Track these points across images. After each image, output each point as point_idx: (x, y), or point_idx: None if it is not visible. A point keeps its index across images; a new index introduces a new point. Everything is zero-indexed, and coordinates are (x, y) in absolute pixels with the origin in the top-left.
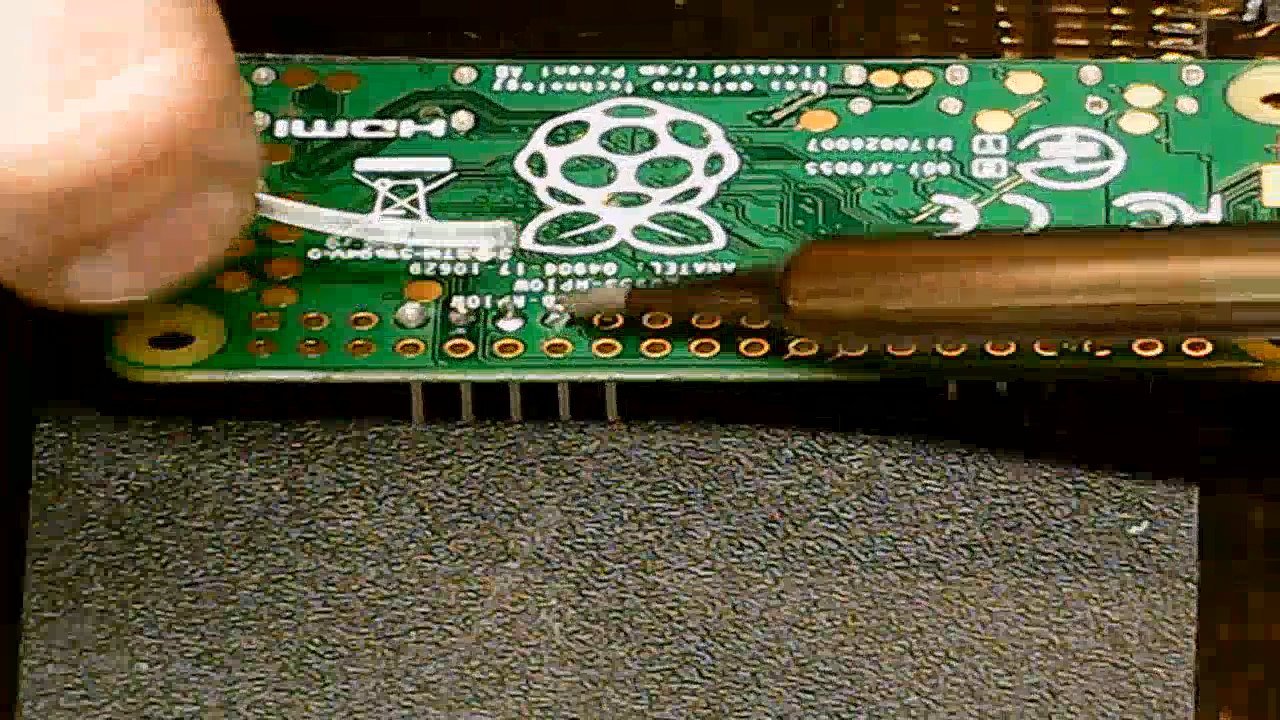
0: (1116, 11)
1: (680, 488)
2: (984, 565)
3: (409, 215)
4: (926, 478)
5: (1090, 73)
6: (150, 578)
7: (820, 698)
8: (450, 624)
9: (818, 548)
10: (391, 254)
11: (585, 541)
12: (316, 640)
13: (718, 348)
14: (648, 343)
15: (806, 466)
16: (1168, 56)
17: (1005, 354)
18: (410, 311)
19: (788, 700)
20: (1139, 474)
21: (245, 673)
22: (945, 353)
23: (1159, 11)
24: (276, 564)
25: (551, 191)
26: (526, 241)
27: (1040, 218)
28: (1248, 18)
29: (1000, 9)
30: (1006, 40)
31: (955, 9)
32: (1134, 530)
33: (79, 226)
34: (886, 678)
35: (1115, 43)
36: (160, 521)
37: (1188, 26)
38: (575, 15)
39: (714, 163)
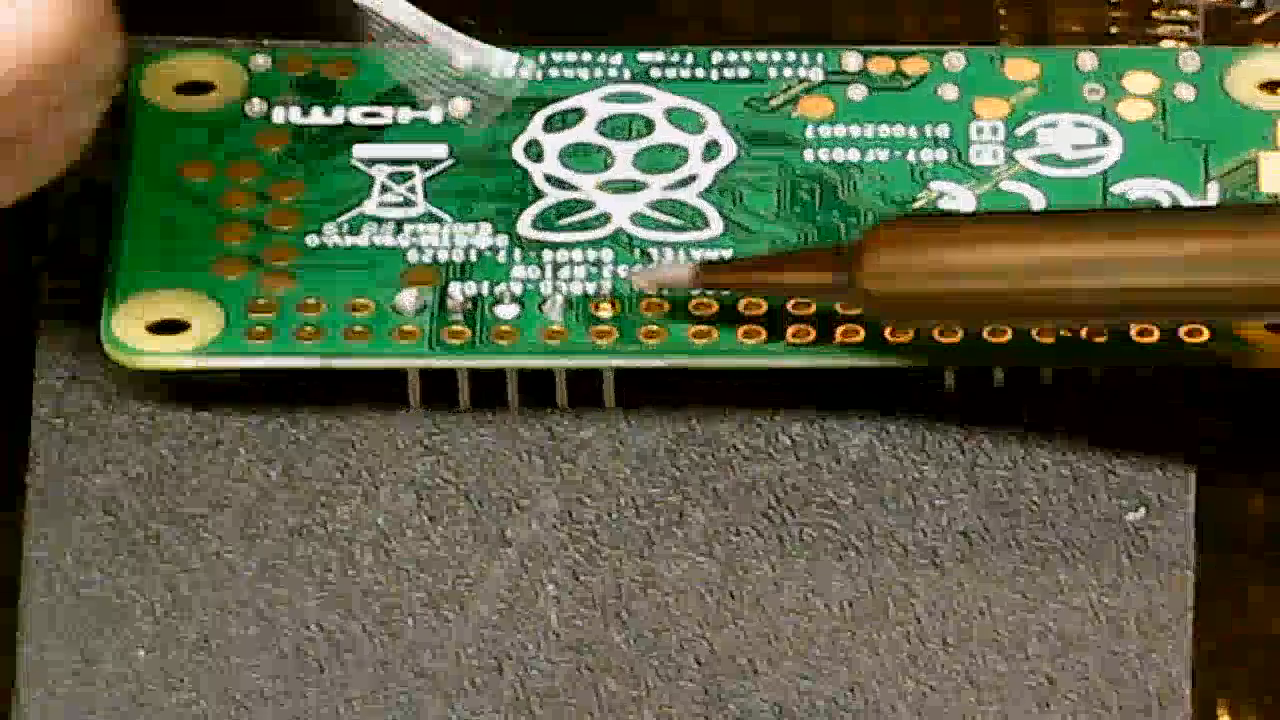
0: None
1: (678, 475)
2: (981, 552)
3: (406, 203)
4: (924, 465)
5: (1087, 59)
6: (148, 565)
7: (818, 684)
8: (448, 611)
9: (815, 535)
10: (389, 241)
11: (582, 528)
12: (314, 627)
13: (715, 335)
14: (644, 329)
15: (804, 454)
16: (1165, 43)
17: (1004, 341)
18: (407, 298)
19: (785, 687)
20: (1136, 461)
21: (242, 660)
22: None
23: None
24: (274, 551)
25: (548, 178)
26: (524, 228)
27: (1037, 204)
28: (1245, 4)
29: None
30: (1005, 28)
31: None
32: (1131, 518)
33: None
34: (884, 664)
35: (1113, 29)
36: (158, 509)
37: (1185, 13)
38: (574, 4)
39: (711, 149)
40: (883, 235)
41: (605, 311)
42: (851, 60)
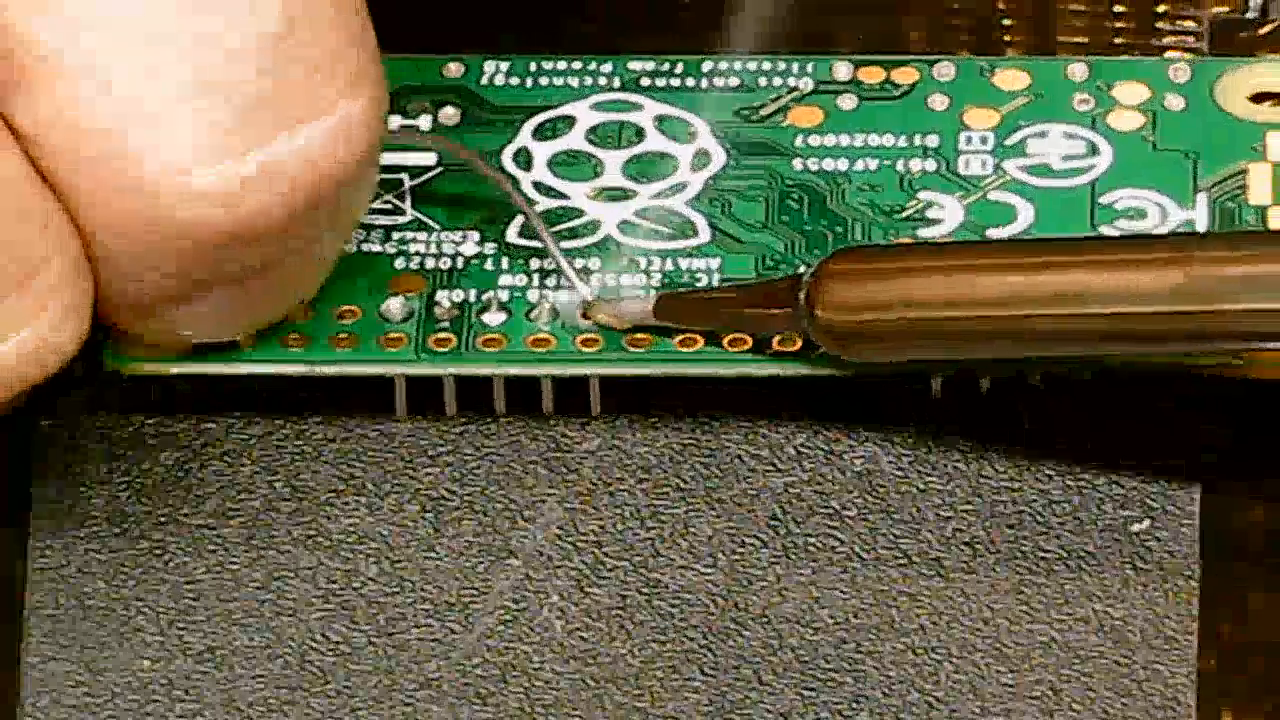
0: (1118, 9)
1: (682, 484)
2: (986, 563)
3: (394, 210)
4: (928, 475)
5: (1078, 70)
6: (152, 575)
7: (822, 695)
8: (452, 621)
9: (820, 545)
10: (377, 248)
11: (587, 538)
12: (318, 637)
13: (701, 342)
14: (631, 337)
15: (808, 463)
16: (1170, 54)
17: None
18: (395, 305)
19: (790, 697)
20: (1140, 472)
21: (247, 670)
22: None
23: (1161, 9)
24: (278, 561)
25: (537, 186)
26: (511, 236)
27: (1026, 215)
28: (1250, 15)
29: (1001, 7)
30: (1008, 39)
31: (956, 6)
32: (1136, 528)
33: (217, 268)
34: (888, 675)
35: (1117, 40)
36: (162, 519)
37: (1190, 24)
38: (565, 11)
39: (701, 158)
40: (834, 267)
41: (592, 319)
42: (842, 69)
